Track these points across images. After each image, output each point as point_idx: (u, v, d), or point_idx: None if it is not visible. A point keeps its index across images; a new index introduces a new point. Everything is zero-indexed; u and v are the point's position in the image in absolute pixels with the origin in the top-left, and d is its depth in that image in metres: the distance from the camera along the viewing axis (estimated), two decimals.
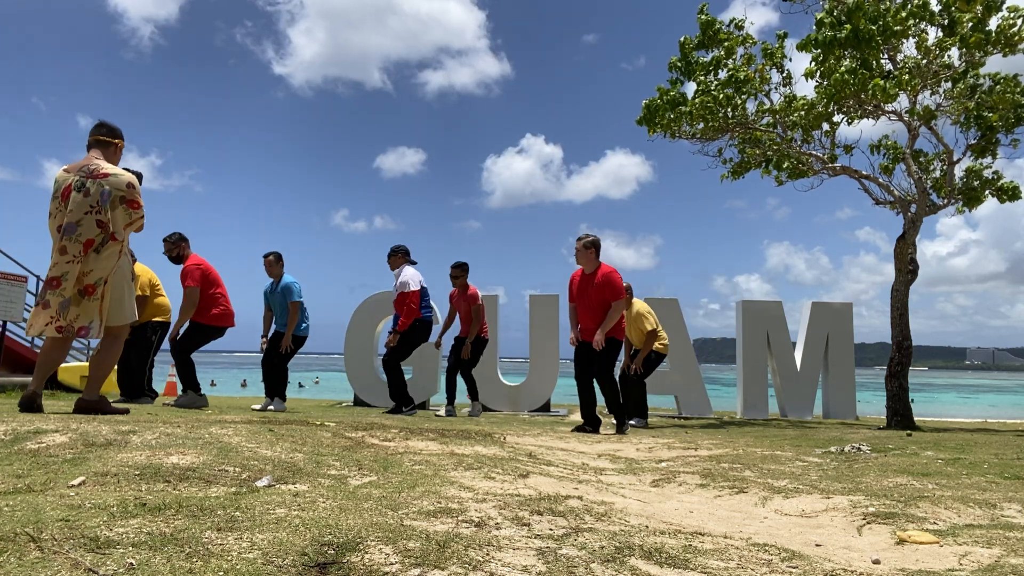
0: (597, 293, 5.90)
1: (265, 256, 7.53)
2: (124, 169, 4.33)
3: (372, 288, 7.81)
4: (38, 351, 12.01)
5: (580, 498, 2.39)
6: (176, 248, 6.85)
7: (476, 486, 2.46)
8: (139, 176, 4.38)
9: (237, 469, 2.36)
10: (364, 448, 3.10)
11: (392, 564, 1.48)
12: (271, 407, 7.24)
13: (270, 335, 7.52)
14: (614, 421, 6.10)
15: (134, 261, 4.39)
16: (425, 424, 4.57)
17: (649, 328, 7.36)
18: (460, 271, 7.99)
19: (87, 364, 11.66)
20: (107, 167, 4.07)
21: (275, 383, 7.46)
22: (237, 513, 1.78)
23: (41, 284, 4.15)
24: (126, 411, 4.40)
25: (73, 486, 2.02)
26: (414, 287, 7.31)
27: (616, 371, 6.26)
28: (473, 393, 8.25)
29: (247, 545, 1.52)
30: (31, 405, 4.01)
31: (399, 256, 7.54)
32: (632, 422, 7.46)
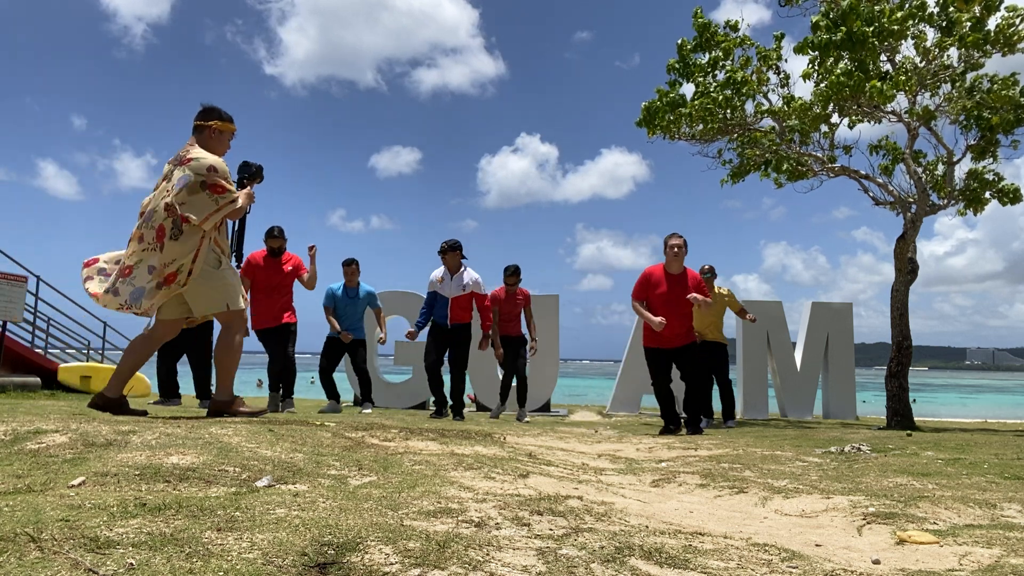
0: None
1: (348, 264, 7.75)
2: (246, 164, 4.13)
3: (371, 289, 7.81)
4: (38, 351, 12.00)
5: (580, 498, 2.39)
6: (285, 241, 6.99)
7: (476, 486, 2.46)
8: (258, 169, 4.15)
9: (237, 469, 2.36)
10: (364, 448, 3.10)
11: (392, 564, 1.48)
12: (367, 410, 7.49)
13: (341, 342, 7.72)
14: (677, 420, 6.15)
15: (224, 253, 4.04)
16: (425, 424, 4.57)
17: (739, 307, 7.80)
18: (514, 277, 7.90)
19: (88, 365, 11.66)
20: (194, 152, 3.85)
21: (367, 387, 7.79)
22: (237, 513, 1.78)
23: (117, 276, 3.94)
24: (259, 412, 4.13)
25: (73, 486, 2.02)
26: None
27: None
28: (523, 397, 8.18)
29: (247, 545, 1.52)
30: (117, 409, 3.88)
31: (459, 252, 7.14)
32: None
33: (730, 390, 7.84)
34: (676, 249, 5.93)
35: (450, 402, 7.11)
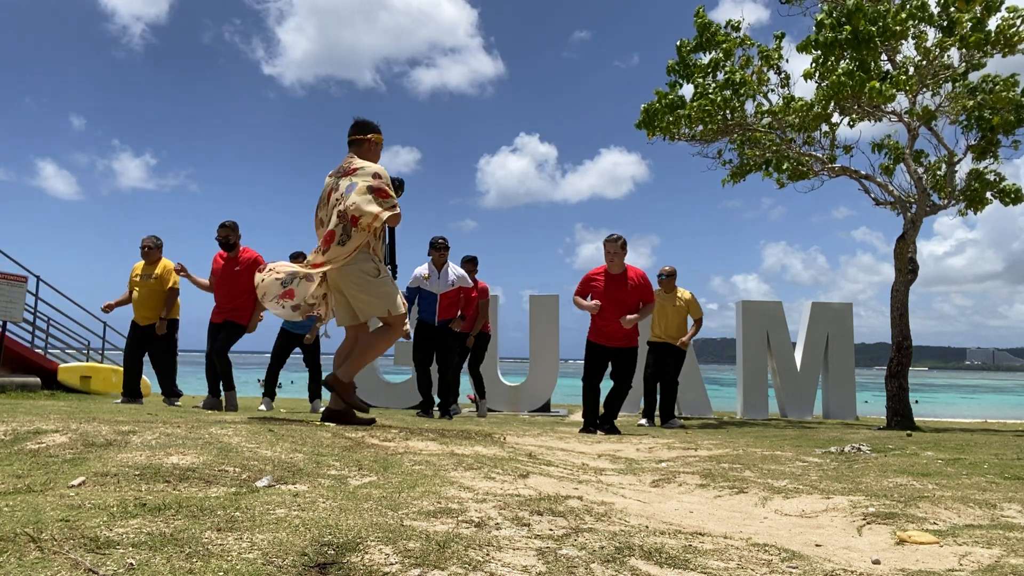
0: (633, 296, 5.84)
1: (294, 258, 7.65)
2: (391, 179, 4.18)
3: None
4: (38, 351, 12.00)
5: (580, 498, 2.39)
6: (235, 235, 6.77)
7: (476, 486, 2.46)
8: (401, 183, 4.22)
9: (237, 469, 2.36)
10: (364, 448, 3.10)
11: (392, 564, 1.48)
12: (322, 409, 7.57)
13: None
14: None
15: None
16: (425, 424, 4.57)
17: (699, 316, 7.77)
18: (471, 265, 7.82)
19: (88, 365, 11.65)
20: (357, 163, 4.02)
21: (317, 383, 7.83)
22: (237, 513, 1.78)
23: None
24: (371, 421, 4.15)
25: (73, 486, 2.02)
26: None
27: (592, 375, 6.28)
28: (481, 391, 8.18)
29: (247, 545, 1.52)
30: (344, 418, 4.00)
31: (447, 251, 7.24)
32: (643, 422, 7.67)
33: (675, 391, 7.94)
34: (610, 254, 5.95)
35: (437, 400, 7.11)
